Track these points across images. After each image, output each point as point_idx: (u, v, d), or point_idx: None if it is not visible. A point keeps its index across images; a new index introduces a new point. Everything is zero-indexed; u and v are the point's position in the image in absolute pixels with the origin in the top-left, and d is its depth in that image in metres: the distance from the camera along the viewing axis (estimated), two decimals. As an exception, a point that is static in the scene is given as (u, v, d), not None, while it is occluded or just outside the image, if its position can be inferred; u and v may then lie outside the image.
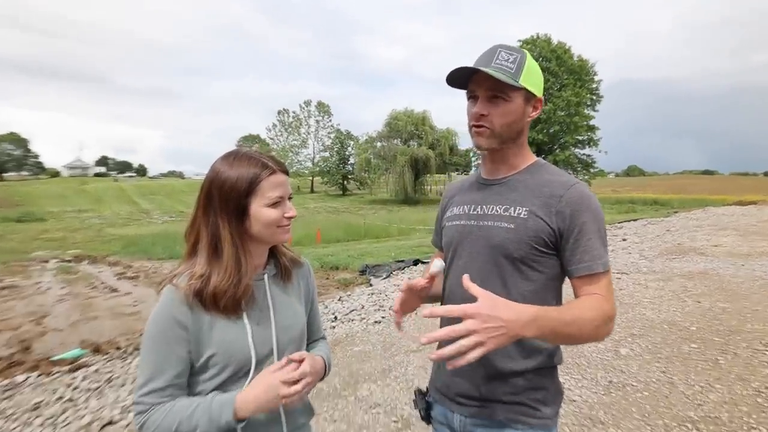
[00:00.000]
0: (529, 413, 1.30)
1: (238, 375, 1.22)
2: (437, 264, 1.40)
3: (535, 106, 1.35)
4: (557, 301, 1.35)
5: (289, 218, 1.26)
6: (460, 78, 1.32)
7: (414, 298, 1.43)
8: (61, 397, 4.08)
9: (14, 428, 3.59)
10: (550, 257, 1.29)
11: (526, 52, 1.32)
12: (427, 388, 1.54)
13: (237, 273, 1.20)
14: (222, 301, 1.18)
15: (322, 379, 1.38)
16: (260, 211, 1.21)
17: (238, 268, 1.20)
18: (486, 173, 1.44)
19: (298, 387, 1.18)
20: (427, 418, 1.50)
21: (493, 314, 1.01)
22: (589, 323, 1.15)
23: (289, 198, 1.28)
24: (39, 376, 4.62)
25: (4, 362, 5.14)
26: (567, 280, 1.34)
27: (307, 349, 1.43)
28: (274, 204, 1.22)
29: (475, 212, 1.39)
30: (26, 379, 4.53)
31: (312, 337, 1.50)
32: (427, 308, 1.16)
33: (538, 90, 1.32)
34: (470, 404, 1.35)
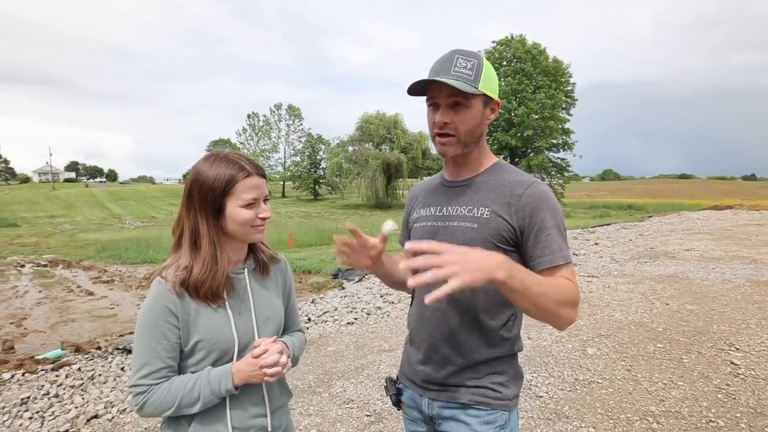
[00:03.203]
0: (491, 395, 1.39)
1: (223, 360, 1.33)
2: (389, 224, 1.40)
3: (492, 108, 1.41)
4: None
5: (263, 219, 1.34)
6: (418, 86, 1.36)
7: (363, 254, 1.46)
8: (47, 393, 4.18)
9: (4, 421, 3.71)
10: (512, 254, 1.34)
11: (482, 56, 1.36)
12: (397, 376, 1.64)
13: (214, 266, 1.29)
14: (202, 291, 1.28)
15: (293, 363, 1.47)
16: (235, 211, 1.29)
17: (214, 262, 1.29)
18: (449, 175, 1.51)
19: (277, 368, 1.30)
20: (397, 403, 1.60)
21: (468, 252, 1.05)
22: (557, 292, 1.18)
23: (266, 200, 1.35)
24: (24, 374, 4.72)
25: (-11, 360, 5.23)
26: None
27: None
28: (249, 205, 1.29)
29: (440, 213, 1.46)
30: (12, 377, 4.63)
31: (289, 329, 1.58)
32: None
33: (495, 93, 1.39)
34: (436, 389, 1.45)
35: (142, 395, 1.25)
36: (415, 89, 1.38)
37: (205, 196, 1.28)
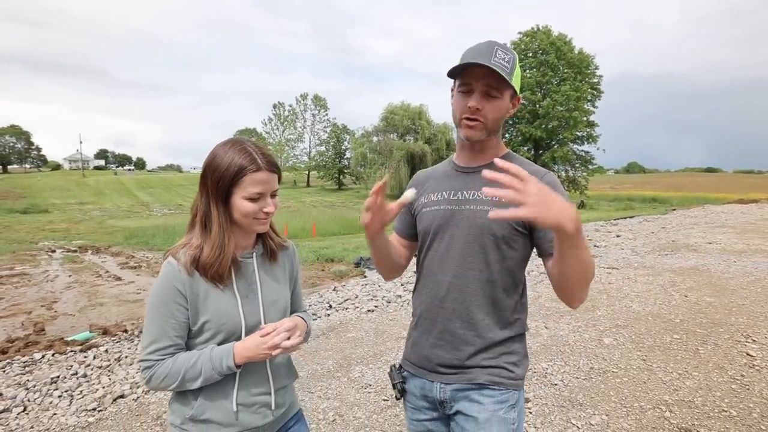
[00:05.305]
0: (505, 375, 1.45)
1: (230, 341, 1.37)
2: (412, 191, 1.46)
3: (514, 103, 1.49)
4: (523, 281, 1.52)
5: (267, 213, 1.36)
6: (458, 68, 1.39)
7: (378, 216, 1.45)
8: (75, 373, 4.36)
9: (36, 398, 3.87)
10: (525, 237, 1.44)
11: (515, 53, 1.42)
12: (400, 364, 1.66)
13: (221, 250, 1.33)
14: (209, 272, 1.33)
15: (305, 339, 1.50)
16: (239, 201, 1.32)
17: (221, 246, 1.33)
18: (464, 162, 1.56)
19: (285, 344, 1.33)
20: (403, 391, 1.61)
21: (549, 192, 1.06)
22: (592, 264, 1.23)
23: (273, 194, 1.37)
24: (54, 354, 4.92)
25: (21, 342, 5.51)
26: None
27: None
28: (254, 198, 1.32)
29: (455, 198, 1.50)
30: (43, 357, 4.84)
31: (295, 311, 1.64)
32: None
33: (519, 89, 1.46)
34: (451, 372, 1.48)
35: (149, 369, 1.31)
36: (454, 70, 1.42)
37: (216, 183, 1.31)
